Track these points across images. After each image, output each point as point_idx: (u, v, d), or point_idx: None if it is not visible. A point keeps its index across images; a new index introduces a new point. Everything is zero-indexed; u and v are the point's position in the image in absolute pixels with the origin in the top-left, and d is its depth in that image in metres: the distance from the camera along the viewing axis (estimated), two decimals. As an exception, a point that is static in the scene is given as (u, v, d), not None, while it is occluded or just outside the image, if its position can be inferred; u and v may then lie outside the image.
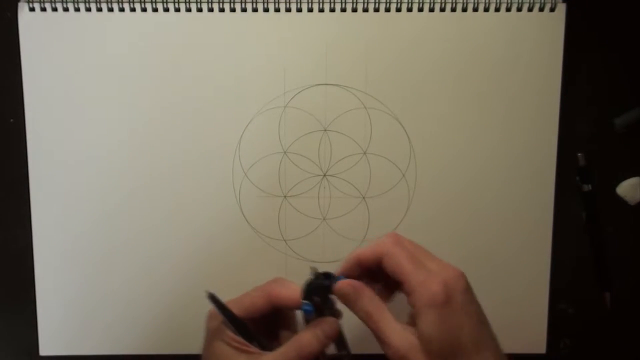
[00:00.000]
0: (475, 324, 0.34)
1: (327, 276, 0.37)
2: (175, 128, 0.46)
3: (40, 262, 0.47)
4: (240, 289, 0.45)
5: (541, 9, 0.45)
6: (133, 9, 0.45)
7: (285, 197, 0.47)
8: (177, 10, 0.45)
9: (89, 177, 0.46)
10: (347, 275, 0.37)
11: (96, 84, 0.45)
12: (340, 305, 0.37)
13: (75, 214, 0.46)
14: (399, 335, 0.34)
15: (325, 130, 0.46)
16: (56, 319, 0.47)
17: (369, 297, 0.36)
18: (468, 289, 0.34)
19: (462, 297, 0.34)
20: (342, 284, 0.36)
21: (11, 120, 0.46)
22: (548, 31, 0.45)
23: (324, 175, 0.47)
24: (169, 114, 0.46)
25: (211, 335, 0.38)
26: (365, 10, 0.45)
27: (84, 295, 0.47)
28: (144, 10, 0.45)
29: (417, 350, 0.34)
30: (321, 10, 0.45)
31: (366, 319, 0.36)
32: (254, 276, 0.47)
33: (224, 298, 0.47)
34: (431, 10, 0.45)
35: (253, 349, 0.37)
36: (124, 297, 0.47)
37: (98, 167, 0.46)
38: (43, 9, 0.45)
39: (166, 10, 0.45)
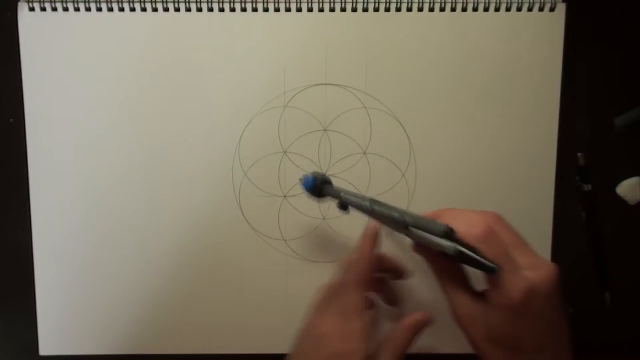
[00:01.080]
0: (546, 328, 0.33)
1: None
2: (175, 128, 0.46)
3: (40, 262, 0.47)
4: (240, 289, 0.45)
5: (541, 9, 0.45)
6: (133, 9, 0.45)
7: (285, 197, 0.47)
8: (177, 10, 0.45)
9: (88, 177, 0.46)
10: None
11: (96, 84, 0.45)
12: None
13: (75, 214, 0.46)
14: (467, 307, 0.35)
15: (325, 130, 0.46)
16: (56, 319, 0.47)
17: (442, 265, 0.36)
18: (552, 294, 0.33)
19: (541, 303, 0.33)
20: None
21: (11, 120, 0.46)
22: (548, 31, 0.46)
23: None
24: (169, 114, 0.46)
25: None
26: (365, 10, 0.45)
27: (84, 296, 0.47)
28: (143, 10, 0.45)
29: (479, 329, 0.34)
30: (321, 10, 0.45)
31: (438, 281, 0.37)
32: (254, 276, 0.47)
33: (223, 298, 0.47)
34: (431, 10, 0.45)
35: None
36: (124, 297, 0.47)
37: (98, 168, 0.46)
38: (43, 9, 0.45)
39: (166, 10, 0.45)
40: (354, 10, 0.45)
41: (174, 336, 0.48)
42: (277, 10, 0.45)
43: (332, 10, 0.45)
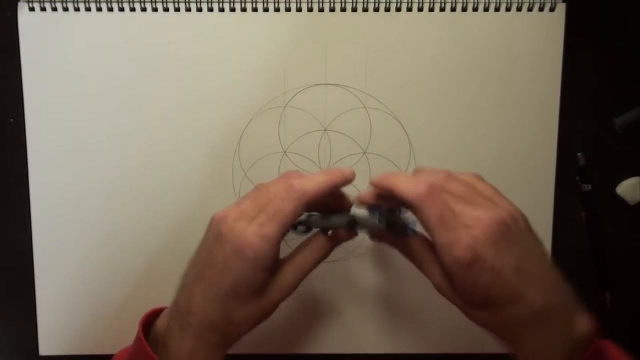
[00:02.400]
0: (509, 276, 0.33)
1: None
2: (175, 128, 0.46)
3: (40, 262, 0.47)
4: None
5: (541, 9, 0.45)
6: (133, 9, 0.45)
7: (285, 197, 0.47)
8: (177, 10, 0.45)
9: (89, 177, 0.46)
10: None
11: (96, 84, 0.45)
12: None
13: (75, 214, 0.46)
14: (439, 276, 0.36)
15: (325, 130, 0.46)
16: (56, 319, 0.47)
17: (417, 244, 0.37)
18: (499, 242, 0.33)
19: (492, 253, 0.32)
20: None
21: (11, 120, 0.46)
22: (548, 31, 0.45)
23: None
24: (169, 114, 0.46)
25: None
26: (365, 10, 0.45)
27: (84, 295, 0.47)
28: (144, 10, 0.45)
29: (454, 294, 0.35)
30: (321, 10, 0.45)
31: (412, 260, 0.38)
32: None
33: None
34: (431, 10, 0.45)
35: None
36: (124, 297, 0.47)
37: (98, 167, 0.46)
38: (43, 9, 0.45)
39: (166, 10, 0.45)
40: (354, 10, 0.45)
41: (174, 336, 0.48)
42: (277, 10, 0.45)
43: (332, 10, 0.45)
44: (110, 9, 0.45)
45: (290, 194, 0.35)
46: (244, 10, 0.45)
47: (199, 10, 0.45)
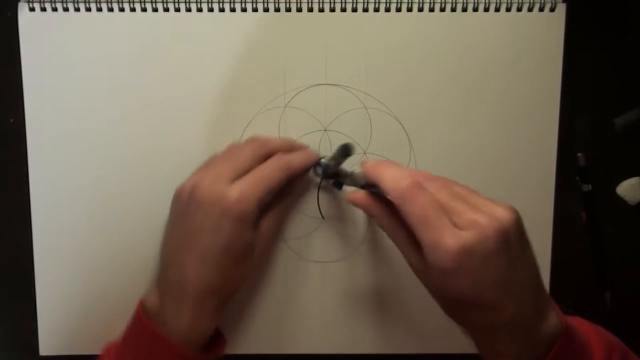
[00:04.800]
0: (487, 286, 0.31)
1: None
2: (175, 128, 0.46)
3: (40, 262, 0.47)
4: (240, 289, 0.45)
5: (541, 9, 0.45)
6: (133, 9, 0.45)
7: (285, 197, 0.47)
8: (177, 10, 0.45)
9: (89, 178, 0.46)
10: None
11: (96, 84, 0.45)
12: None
13: (75, 214, 0.46)
14: (415, 260, 0.35)
15: (325, 130, 0.46)
16: (56, 319, 0.47)
17: (381, 216, 0.36)
18: (493, 252, 0.30)
19: (477, 262, 0.30)
20: (356, 195, 0.38)
21: (11, 120, 0.46)
22: (548, 31, 0.45)
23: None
24: (170, 114, 0.46)
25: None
26: (365, 10, 0.45)
27: (84, 296, 0.47)
28: (144, 10, 0.45)
29: (428, 284, 0.35)
30: (321, 10, 0.45)
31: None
32: (254, 276, 0.47)
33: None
34: (431, 10, 0.45)
35: None
36: (124, 297, 0.47)
37: (98, 167, 0.46)
38: (43, 9, 0.45)
39: (166, 10, 0.45)
40: (354, 10, 0.45)
41: (174, 336, 0.48)
42: (277, 10, 0.45)
43: (332, 10, 0.45)
44: (111, 9, 0.45)
45: (280, 163, 0.38)
46: (244, 10, 0.45)
47: (199, 10, 0.45)
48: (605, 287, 0.48)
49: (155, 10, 0.45)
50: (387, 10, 0.45)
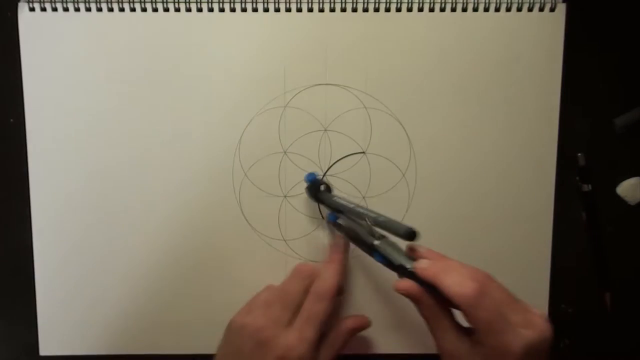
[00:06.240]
0: None
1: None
2: (175, 128, 0.46)
3: (40, 262, 0.47)
4: (240, 289, 0.45)
5: (541, 9, 0.45)
6: (133, 9, 0.45)
7: (285, 197, 0.47)
8: (177, 10, 0.45)
9: (88, 177, 0.46)
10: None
11: (96, 84, 0.45)
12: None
13: (75, 214, 0.46)
14: (452, 343, 0.35)
15: (325, 130, 0.46)
16: (56, 319, 0.47)
17: (427, 304, 0.36)
18: (546, 351, 0.33)
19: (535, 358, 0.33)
20: (406, 285, 0.36)
21: (11, 120, 0.46)
22: (548, 31, 0.46)
23: (324, 175, 0.47)
24: (169, 114, 0.46)
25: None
26: (365, 10, 0.45)
27: (84, 296, 0.47)
28: (144, 10, 0.45)
29: None
30: (321, 10, 0.45)
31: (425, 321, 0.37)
32: (254, 276, 0.47)
33: (223, 297, 0.47)
34: (431, 10, 0.45)
35: None
36: (124, 297, 0.47)
37: (98, 167, 0.46)
38: (43, 9, 0.45)
39: (166, 10, 0.45)
40: (354, 10, 0.45)
41: (175, 336, 0.48)
42: (277, 10, 0.45)
43: (332, 10, 0.45)
44: (110, 9, 0.45)
45: (318, 295, 0.40)
46: (244, 10, 0.45)
47: (199, 10, 0.45)
48: (605, 287, 0.48)
49: (155, 10, 0.45)
50: (387, 10, 0.45)
